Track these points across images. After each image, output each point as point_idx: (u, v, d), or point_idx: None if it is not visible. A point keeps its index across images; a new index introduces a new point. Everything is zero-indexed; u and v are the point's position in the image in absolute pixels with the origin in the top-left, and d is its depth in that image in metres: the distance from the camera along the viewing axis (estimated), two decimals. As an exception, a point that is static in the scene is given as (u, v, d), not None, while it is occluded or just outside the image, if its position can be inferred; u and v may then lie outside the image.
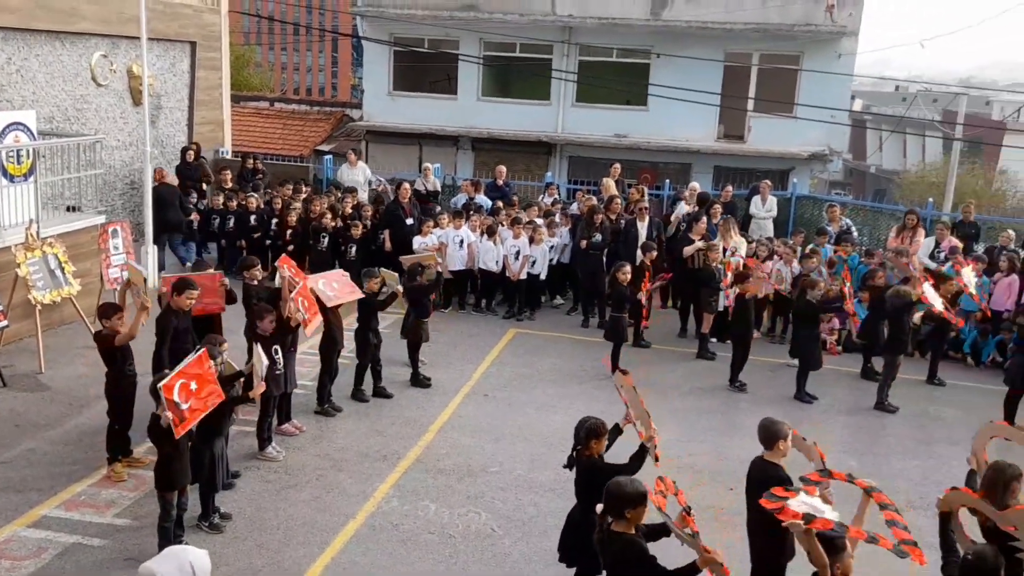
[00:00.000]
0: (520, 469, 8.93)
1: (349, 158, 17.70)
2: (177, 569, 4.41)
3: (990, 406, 10.98)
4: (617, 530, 5.12)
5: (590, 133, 23.37)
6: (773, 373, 12.11)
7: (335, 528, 7.65)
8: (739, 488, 6.53)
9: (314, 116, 26.58)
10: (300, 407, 9.88)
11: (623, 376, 6.76)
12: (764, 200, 16.26)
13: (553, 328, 13.85)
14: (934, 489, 8.96)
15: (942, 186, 25.53)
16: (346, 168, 17.52)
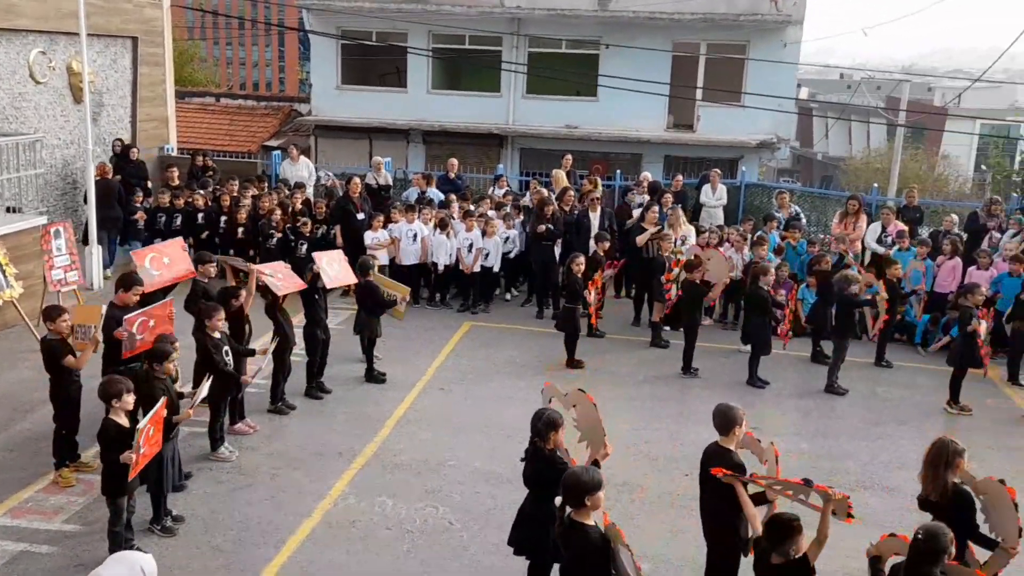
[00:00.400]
0: (477, 462, 8.93)
1: (291, 153, 17.47)
2: (128, 572, 4.32)
3: (936, 387, 11.25)
4: (578, 520, 5.13)
5: (541, 125, 23.39)
6: (726, 359, 12.25)
7: (291, 527, 7.58)
8: (694, 474, 6.59)
9: (261, 111, 26.24)
10: (253, 406, 9.76)
11: (581, 394, 6.56)
12: (714, 189, 16.43)
13: (508, 320, 13.85)
14: (883, 469, 9.17)
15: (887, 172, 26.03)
16: (288, 164, 17.30)
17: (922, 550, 4.89)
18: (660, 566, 7.18)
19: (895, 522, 7.95)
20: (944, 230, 13.98)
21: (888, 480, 8.91)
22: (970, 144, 36.28)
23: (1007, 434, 10.23)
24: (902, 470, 8.95)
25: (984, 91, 37.94)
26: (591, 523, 5.15)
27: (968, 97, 36.75)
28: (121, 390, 6.80)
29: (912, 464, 8.55)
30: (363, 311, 10.96)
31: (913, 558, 4.93)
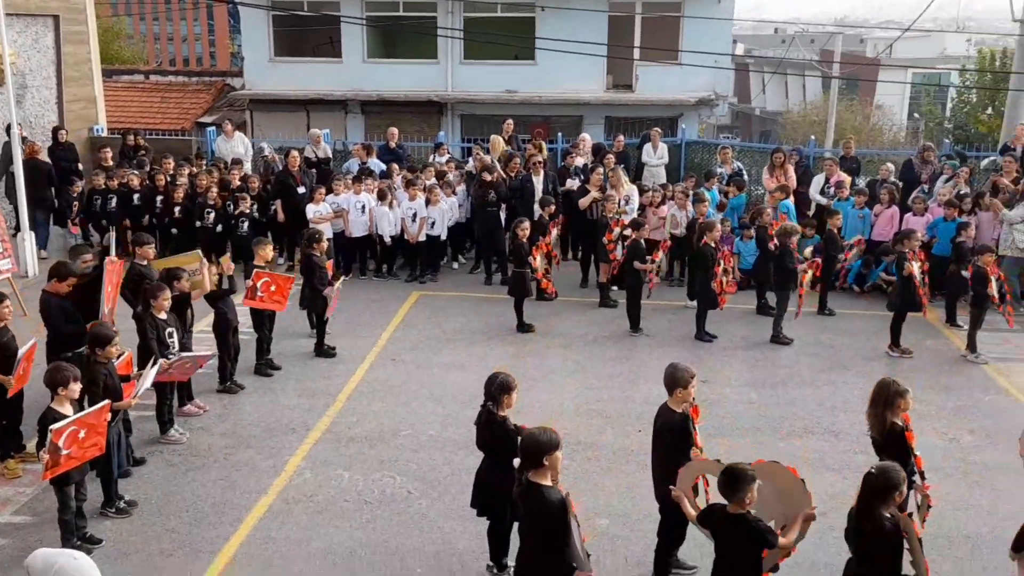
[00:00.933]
0: (432, 430, 8.93)
1: (225, 129, 17.07)
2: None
3: (877, 331, 11.53)
4: (536, 482, 5.16)
5: (480, 90, 23.19)
6: (673, 316, 12.39)
7: (247, 505, 7.52)
8: (646, 429, 6.68)
9: (193, 87, 25.59)
10: (201, 387, 9.62)
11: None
12: (655, 148, 16.49)
13: (456, 288, 13.83)
14: (829, 414, 9.40)
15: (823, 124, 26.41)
16: (222, 140, 16.91)
17: (873, 486, 5.01)
18: (618, 520, 7.28)
19: (842, 464, 8.19)
20: (881, 179, 14.24)
21: (834, 424, 9.13)
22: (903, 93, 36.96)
23: (946, 373, 10.55)
24: (847, 414, 9.19)
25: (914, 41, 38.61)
26: (548, 484, 5.19)
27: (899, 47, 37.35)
28: (68, 378, 6.64)
29: (856, 408, 8.78)
30: (308, 287, 10.83)
31: (864, 494, 5.06)
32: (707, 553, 5.93)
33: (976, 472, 8.20)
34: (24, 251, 13.72)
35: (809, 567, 6.62)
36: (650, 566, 6.50)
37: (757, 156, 17.87)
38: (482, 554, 6.61)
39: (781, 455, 8.39)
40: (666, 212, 13.58)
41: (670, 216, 13.47)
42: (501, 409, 6.18)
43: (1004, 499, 7.71)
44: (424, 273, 14.10)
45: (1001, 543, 7.00)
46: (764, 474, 5.33)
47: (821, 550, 6.79)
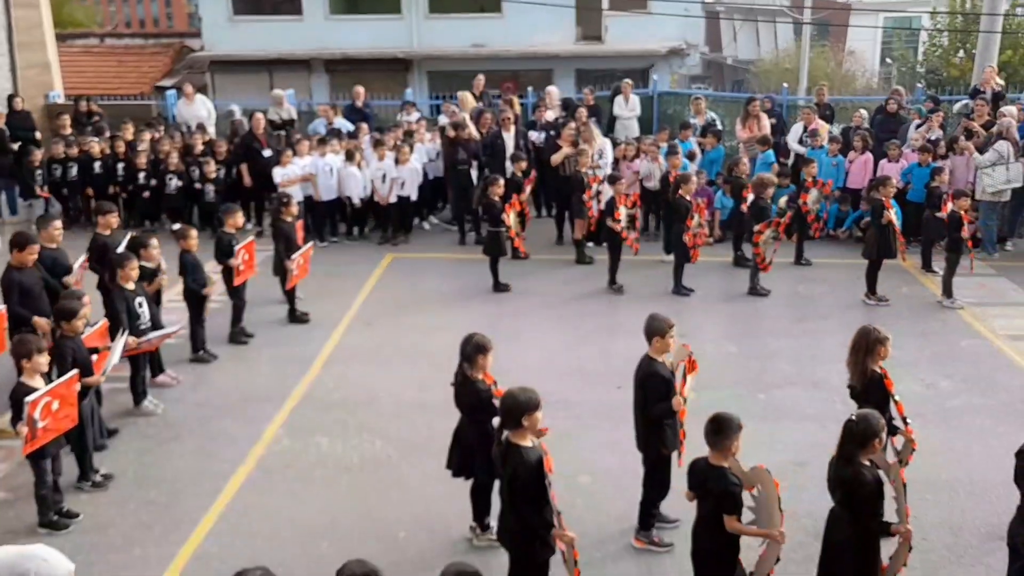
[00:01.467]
0: (410, 393, 8.84)
1: (185, 92, 16.64)
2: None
3: (853, 280, 11.53)
4: (515, 442, 5.11)
5: (447, 46, 22.78)
6: (650, 271, 12.32)
7: (225, 475, 7.41)
8: (626, 386, 6.63)
9: (151, 49, 24.93)
10: (173, 357, 9.44)
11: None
12: (627, 100, 16.29)
13: (429, 249, 13.67)
14: (808, 364, 9.41)
15: (796, 71, 26.24)
16: (183, 104, 16.50)
17: (853, 433, 5.01)
18: (600, 476, 7.27)
19: (821, 413, 8.20)
20: (854, 126, 14.17)
21: (814, 374, 9.15)
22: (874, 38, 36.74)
23: (923, 320, 10.60)
24: (826, 363, 9.20)
25: (885, -16, 38.34)
26: (528, 444, 5.14)
27: (870, -9, 37.11)
28: (31, 350, 6.51)
29: (835, 357, 8.78)
30: (277, 253, 10.62)
31: (844, 442, 5.05)
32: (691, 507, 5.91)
33: (954, 417, 8.26)
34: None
35: (790, 516, 6.60)
36: (633, 520, 6.49)
37: (730, 106, 17.73)
38: (465, 515, 6.57)
39: (762, 406, 8.44)
40: (639, 166, 13.45)
41: (644, 169, 13.34)
42: (475, 370, 6.13)
43: (980, 443, 7.79)
44: (396, 235, 13.91)
45: (977, 487, 7.10)
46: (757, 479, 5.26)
47: (802, 499, 6.81)
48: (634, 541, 6.46)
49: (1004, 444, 7.53)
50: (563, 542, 5.12)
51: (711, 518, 5.16)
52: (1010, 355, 9.62)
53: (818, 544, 5.43)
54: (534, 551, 5.19)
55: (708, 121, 15.13)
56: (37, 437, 6.31)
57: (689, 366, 6.39)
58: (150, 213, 14.58)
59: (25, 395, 6.27)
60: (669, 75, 22.76)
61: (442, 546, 6.46)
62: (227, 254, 9.77)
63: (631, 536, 6.48)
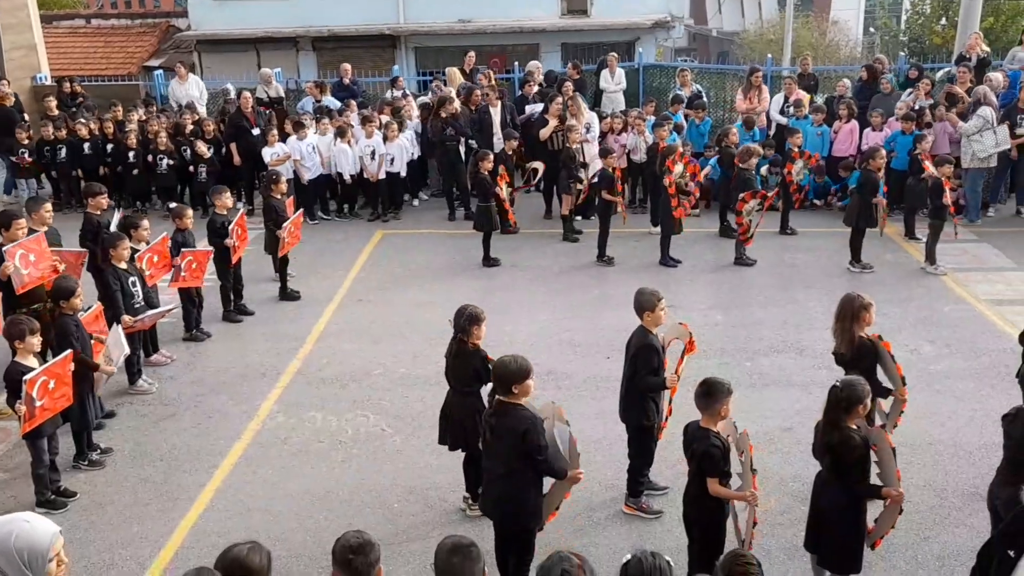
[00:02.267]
0: (403, 368, 8.95)
1: (178, 72, 16.65)
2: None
3: (838, 248, 11.66)
4: (506, 401, 5.19)
5: (434, 21, 22.71)
6: (637, 243, 12.43)
7: (221, 451, 7.52)
8: (615, 356, 6.74)
9: (137, 30, 24.77)
10: (167, 336, 9.53)
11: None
12: (612, 73, 16.31)
13: (419, 225, 13.73)
14: (794, 332, 9.54)
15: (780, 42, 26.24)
16: (176, 83, 16.50)
17: (839, 399, 5.11)
18: (590, 446, 7.35)
19: (806, 379, 8.35)
20: (838, 95, 14.24)
21: (799, 341, 9.27)
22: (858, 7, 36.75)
23: (906, 287, 10.72)
24: (812, 331, 9.34)
25: (869, -47, 38.27)
26: (522, 405, 5.21)
27: (853, -40, 37.07)
28: (23, 331, 6.54)
29: (820, 324, 8.94)
30: (269, 227, 10.68)
31: (830, 407, 5.16)
32: (680, 473, 6.05)
33: (938, 382, 8.40)
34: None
35: (778, 482, 6.78)
36: (623, 488, 6.62)
37: (715, 78, 17.78)
38: (458, 486, 6.69)
39: (748, 374, 8.57)
40: (626, 139, 13.50)
41: (631, 142, 13.40)
42: (471, 340, 6.21)
43: (963, 406, 7.94)
44: (386, 211, 13.97)
45: (961, 449, 7.25)
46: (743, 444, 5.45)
47: (789, 464, 6.97)
48: (624, 508, 6.59)
49: (986, 407, 7.73)
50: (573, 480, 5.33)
51: (697, 481, 5.29)
52: (992, 320, 9.76)
53: (805, 508, 5.55)
54: (524, 520, 5.30)
55: (694, 93, 15.17)
56: (35, 416, 6.41)
57: (689, 347, 6.43)
58: (140, 193, 14.60)
59: (20, 375, 6.34)
60: (654, 48, 22.72)
61: (436, 516, 6.59)
62: (221, 235, 9.85)
63: (621, 503, 6.62)
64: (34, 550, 3.06)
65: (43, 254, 8.11)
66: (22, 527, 3.09)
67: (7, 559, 3.04)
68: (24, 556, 3.05)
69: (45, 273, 8.01)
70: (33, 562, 3.06)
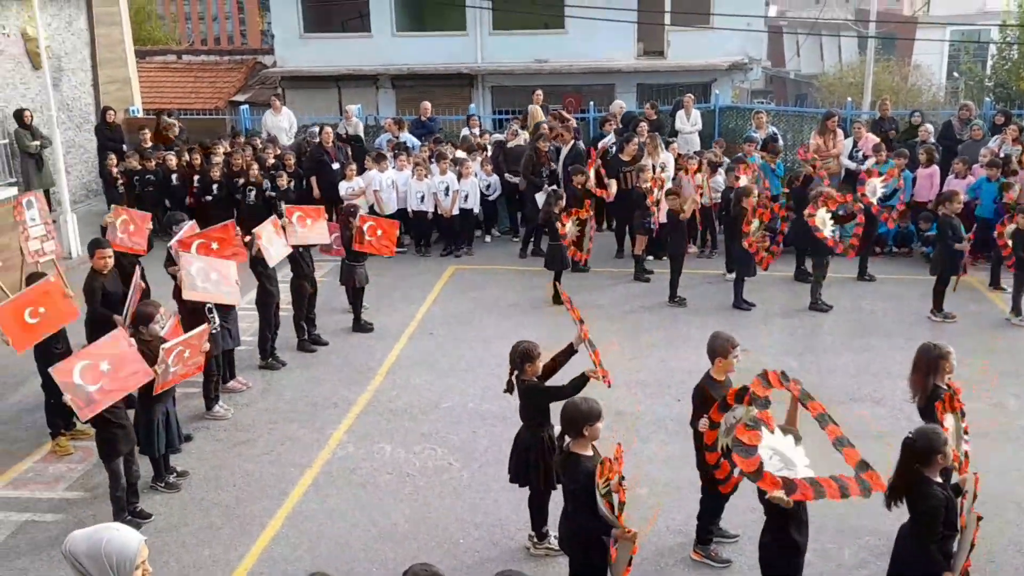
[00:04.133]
0: (472, 402, 9.00)
1: (273, 105, 17.26)
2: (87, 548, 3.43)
3: (919, 296, 11.37)
4: (575, 451, 5.20)
5: (510, 61, 23.02)
6: (710, 285, 12.32)
7: (292, 479, 7.65)
8: (685, 400, 6.68)
9: (225, 66, 25.70)
10: (243, 363, 9.76)
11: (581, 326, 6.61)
12: (688, 114, 16.31)
13: (492, 261, 13.84)
14: (871, 381, 9.31)
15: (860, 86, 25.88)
16: (270, 115, 17.10)
17: (913, 449, 4.97)
18: (658, 489, 7.30)
19: (884, 430, 8.10)
20: (920, 140, 13.97)
21: (877, 391, 9.05)
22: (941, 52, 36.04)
23: (991, 338, 10.39)
24: (890, 380, 9.10)
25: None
26: (588, 453, 5.22)
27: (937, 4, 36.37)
28: (151, 314, 6.85)
29: (899, 374, 8.69)
30: (346, 260, 10.90)
31: (905, 459, 5.02)
32: (750, 521, 5.94)
33: (1022, 437, 8.09)
34: (67, 232, 13.95)
35: (852, 533, 6.60)
36: (691, 534, 6.52)
37: (792, 120, 17.62)
38: (523, 524, 6.68)
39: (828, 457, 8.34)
40: (700, 180, 13.44)
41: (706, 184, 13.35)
42: (525, 376, 6.25)
43: (1051, 463, 7.63)
44: (459, 247, 14.12)
45: (1048, 507, 6.96)
46: None
47: (865, 518, 6.77)
48: (692, 554, 6.49)
49: (1074, 465, 7.40)
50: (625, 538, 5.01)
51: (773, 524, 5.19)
52: (1082, 375, 9.39)
53: (882, 564, 5.39)
54: (592, 558, 5.26)
55: (769, 135, 15.06)
56: (95, 401, 6.53)
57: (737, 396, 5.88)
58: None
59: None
60: (731, 89, 22.64)
61: (500, 553, 6.58)
62: (301, 264, 10.12)
63: (689, 549, 6.51)
64: (123, 556, 3.21)
65: (197, 349, 7.67)
66: (112, 534, 3.26)
67: (97, 565, 3.20)
68: (113, 561, 3.20)
69: (189, 370, 7.63)
70: (121, 567, 3.21)
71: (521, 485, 6.50)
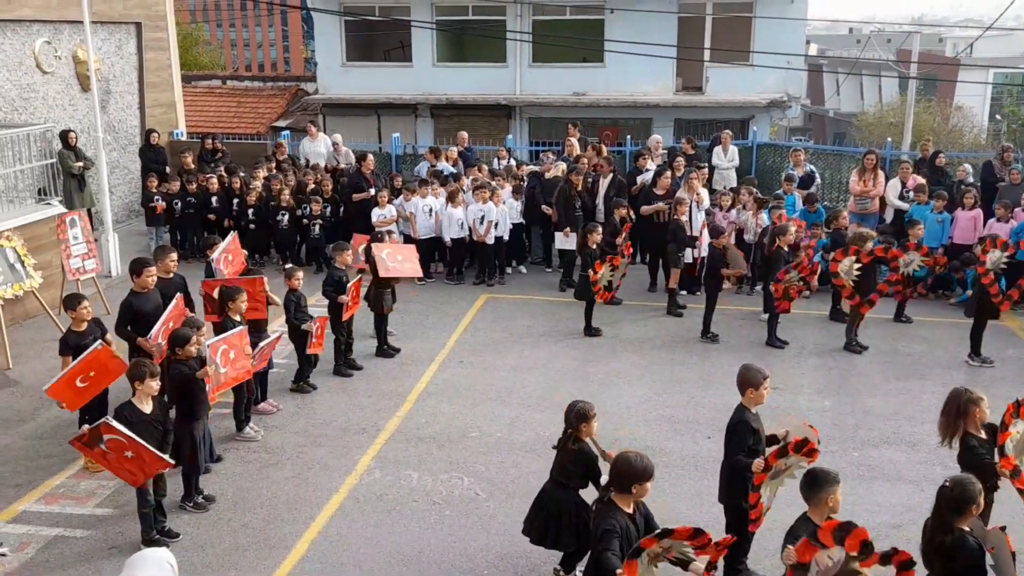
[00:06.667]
0: (500, 432, 8.98)
1: (309, 131, 17.54)
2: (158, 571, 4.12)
3: (956, 339, 11.19)
4: (617, 503, 5.16)
5: (549, 93, 23.23)
6: (743, 321, 12.22)
7: (319, 503, 7.66)
8: (716, 437, 6.62)
9: (268, 92, 26.18)
10: (275, 386, 9.84)
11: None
12: (725, 150, 16.30)
13: (523, 291, 13.86)
14: (906, 424, 9.16)
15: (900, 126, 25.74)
16: (307, 141, 17.38)
17: (949, 498, 4.88)
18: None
19: (919, 475, 7.99)
20: (959, 180, 13.81)
21: (911, 434, 8.90)
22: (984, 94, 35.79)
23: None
24: (925, 424, 8.94)
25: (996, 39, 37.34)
26: (628, 510, 5.17)
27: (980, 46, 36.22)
28: (145, 373, 6.84)
29: (934, 418, 8.53)
30: (372, 287, 10.96)
31: (939, 507, 4.93)
32: (780, 565, 5.84)
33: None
34: (108, 251, 14.20)
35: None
36: (718, 573, 6.42)
37: (831, 159, 17.54)
38: (549, 556, 6.62)
39: (856, 465, 8.26)
40: (735, 216, 13.41)
41: (741, 219, 13.30)
42: (581, 436, 6.17)
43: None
44: (492, 276, 14.17)
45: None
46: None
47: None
48: (719, 594, 6.38)
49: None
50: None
51: None
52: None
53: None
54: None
55: (807, 173, 14.99)
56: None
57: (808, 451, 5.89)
58: (260, 247, 15.21)
59: (133, 414, 6.76)
60: (769, 126, 22.62)
61: (525, 585, 6.53)
62: (337, 290, 10.20)
63: (716, 589, 6.41)
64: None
65: (241, 351, 8.13)
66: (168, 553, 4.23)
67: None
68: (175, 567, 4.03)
69: (240, 374, 8.14)
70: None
71: (537, 544, 6.42)
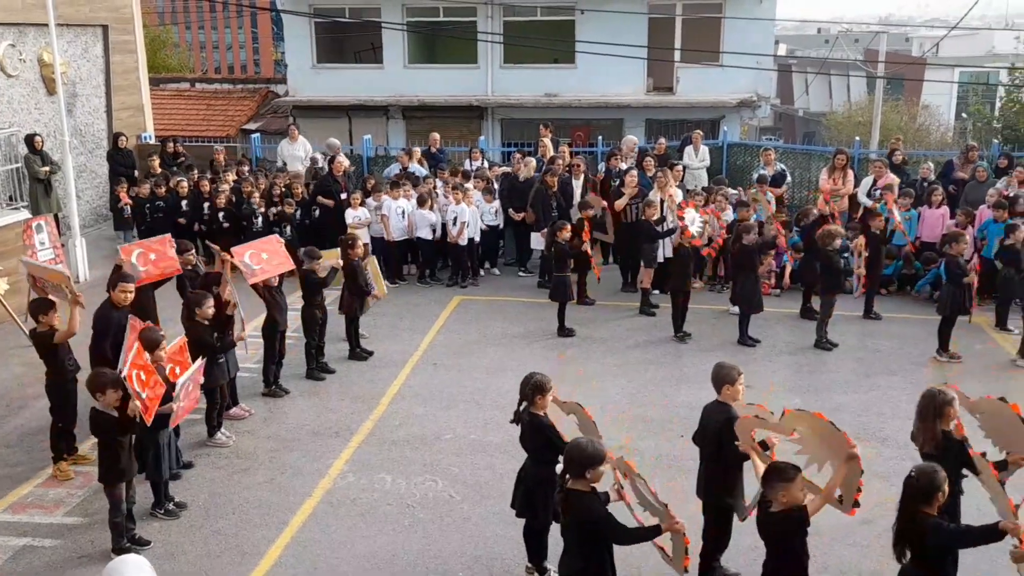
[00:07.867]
0: (474, 434, 8.97)
1: (291, 133, 17.43)
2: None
3: (925, 336, 11.33)
4: (575, 488, 5.17)
5: (520, 94, 23.24)
6: (716, 320, 12.30)
7: (292, 508, 7.61)
8: (688, 436, 6.65)
9: (238, 94, 25.95)
10: (246, 390, 9.76)
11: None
12: (696, 150, 16.40)
13: (497, 293, 13.85)
14: (876, 420, 9.26)
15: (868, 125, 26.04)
16: (287, 143, 17.26)
17: (915, 488, 4.94)
18: (660, 526, 7.23)
19: (888, 470, 8.06)
20: (922, 178, 14.00)
21: (881, 430, 9.00)
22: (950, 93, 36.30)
23: (996, 379, 10.32)
24: (894, 419, 9.05)
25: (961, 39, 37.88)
26: (587, 491, 5.19)
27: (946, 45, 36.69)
28: (105, 383, 6.70)
29: (904, 414, 8.64)
30: (345, 290, 10.90)
31: (906, 496, 4.99)
32: (753, 560, 5.89)
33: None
34: (75, 256, 14.03)
35: (856, 575, 6.53)
36: (694, 572, 6.45)
37: (800, 158, 17.70)
38: (523, 557, 6.63)
39: (826, 461, 8.30)
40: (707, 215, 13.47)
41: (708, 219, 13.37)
42: (535, 409, 6.22)
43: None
44: (465, 277, 14.15)
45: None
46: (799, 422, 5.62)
47: (867, 558, 6.71)
48: (692, 591, 6.41)
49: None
50: (675, 530, 5.22)
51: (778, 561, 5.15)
52: (1089, 418, 9.30)
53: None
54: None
55: (777, 172, 15.11)
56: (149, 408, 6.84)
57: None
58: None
59: (103, 418, 6.71)
60: (739, 126, 22.78)
61: (500, 587, 6.53)
62: (314, 292, 10.13)
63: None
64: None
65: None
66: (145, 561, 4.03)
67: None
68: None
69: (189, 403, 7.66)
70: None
71: (520, 516, 6.47)
